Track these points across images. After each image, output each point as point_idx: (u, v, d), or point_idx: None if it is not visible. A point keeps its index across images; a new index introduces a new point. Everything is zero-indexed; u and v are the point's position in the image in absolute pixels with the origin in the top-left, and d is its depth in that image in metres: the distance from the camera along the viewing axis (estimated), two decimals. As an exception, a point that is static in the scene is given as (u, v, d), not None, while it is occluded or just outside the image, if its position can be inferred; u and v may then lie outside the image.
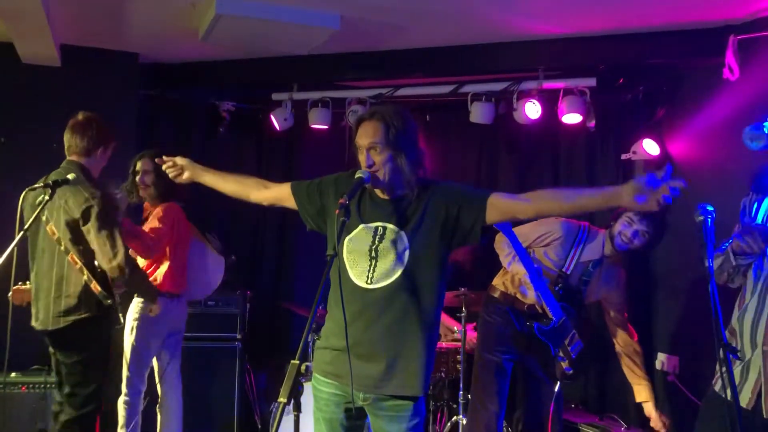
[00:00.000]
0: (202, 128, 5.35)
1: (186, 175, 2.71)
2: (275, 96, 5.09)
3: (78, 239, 3.24)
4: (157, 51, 4.71)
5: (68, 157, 3.39)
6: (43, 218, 3.25)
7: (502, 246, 3.63)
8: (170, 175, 2.74)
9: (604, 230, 3.58)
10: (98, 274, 3.27)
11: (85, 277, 3.25)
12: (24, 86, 4.53)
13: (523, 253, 3.39)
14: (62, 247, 3.25)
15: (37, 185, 3.17)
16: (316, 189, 2.49)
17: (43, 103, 4.54)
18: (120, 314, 3.44)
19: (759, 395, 2.47)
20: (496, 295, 3.69)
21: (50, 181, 3.16)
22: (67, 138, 3.39)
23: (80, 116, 3.41)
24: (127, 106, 4.71)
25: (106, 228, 3.19)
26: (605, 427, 3.94)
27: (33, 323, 3.31)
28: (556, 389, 3.57)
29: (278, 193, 2.57)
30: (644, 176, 1.97)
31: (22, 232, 2.97)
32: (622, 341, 3.68)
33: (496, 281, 3.76)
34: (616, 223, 3.49)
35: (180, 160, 2.70)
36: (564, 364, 3.51)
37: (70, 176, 3.33)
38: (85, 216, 3.20)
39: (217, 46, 4.29)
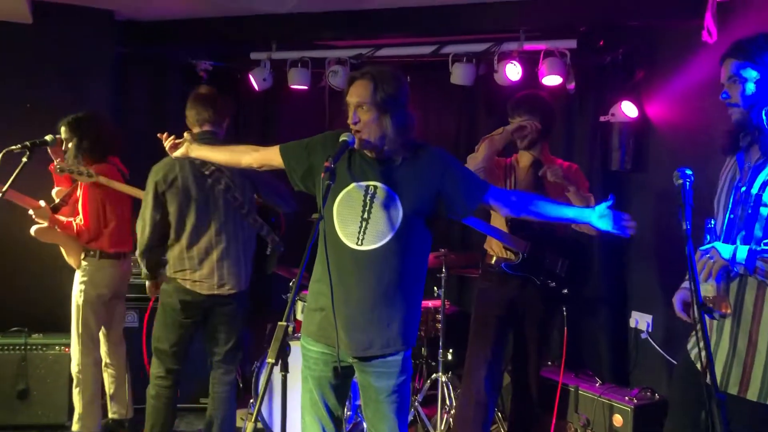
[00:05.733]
0: (178, 87, 5.25)
1: (181, 151, 2.81)
2: (254, 55, 5.03)
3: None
4: (133, 7, 4.59)
5: (202, 128, 3.41)
6: (221, 187, 3.32)
7: None
8: (166, 148, 2.89)
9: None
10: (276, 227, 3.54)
11: (264, 233, 3.47)
12: (-6, 43, 4.40)
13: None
14: (244, 211, 3.37)
15: (15, 147, 3.14)
16: (304, 149, 2.52)
17: (15, 61, 4.43)
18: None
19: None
20: (492, 261, 3.57)
21: (27, 143, 3.13)
22: (200, 110, 3.44)
23: (203, 90, 3.54)
24: (101, 63, 4.61)
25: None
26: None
27: (215, 291, 3.36)
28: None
29: (266, 155, 2.61)
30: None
31: (2, 193, 2.95)
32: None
33: (486, 246, 3.65)
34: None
35: (186, 136, 2.84)
36: (553, 286, 3.43)
37: (47, 138, 3.29)
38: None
39: (195, 3, 4.21)
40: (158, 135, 2.95)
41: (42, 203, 3.65)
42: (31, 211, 3.62)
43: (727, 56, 2.30)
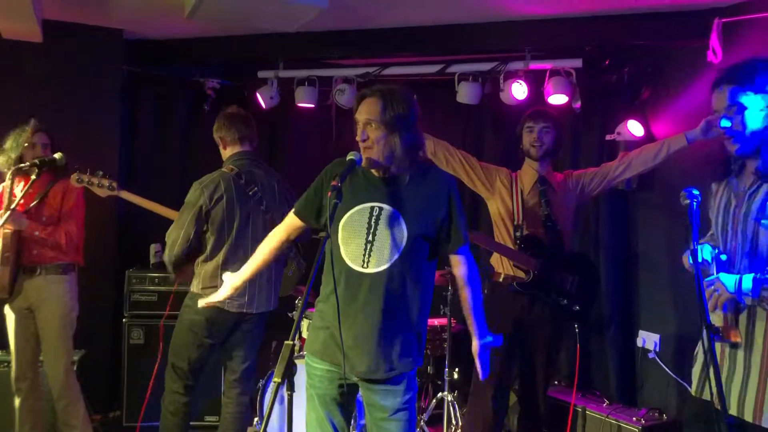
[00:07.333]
0: (186, 105, 5.31)
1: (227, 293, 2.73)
2: (261, 74, 5.06)
3: None
4: (142, 27, 4.65)
5: (242, 147, 3.40)
6: (262, 207, 3.33)
7: None
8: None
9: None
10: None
11: (291, 255, 3.53)
12: (5, 62, 4.44)
13: None
14: None
15: (23, 165, 3.16)
16: (313, 194, 2.51)
17: (26, 79, 4.48)
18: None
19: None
20: (500, 279, 3.56)
21: (36, 161, 3.15)
22: (240, 128, 3.41)
23: (234, 109, 3.51)
24: (110, 82, 4.67)
25: None
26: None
27: (244, 310, 3.33)
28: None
29: (288, 225, 2.61)
30: None
31: (10, 211, 2.96)
32: (616, 163, 3.53)
33: (493, 263, 3.64)
34: (522, 143, 3.51)
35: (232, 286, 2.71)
36: (565, 303, 3.41)
37: (56, 156, 3.32)
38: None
39: (203, 22, 4.24)
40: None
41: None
42: None
43: (724, 82, 2.28)
